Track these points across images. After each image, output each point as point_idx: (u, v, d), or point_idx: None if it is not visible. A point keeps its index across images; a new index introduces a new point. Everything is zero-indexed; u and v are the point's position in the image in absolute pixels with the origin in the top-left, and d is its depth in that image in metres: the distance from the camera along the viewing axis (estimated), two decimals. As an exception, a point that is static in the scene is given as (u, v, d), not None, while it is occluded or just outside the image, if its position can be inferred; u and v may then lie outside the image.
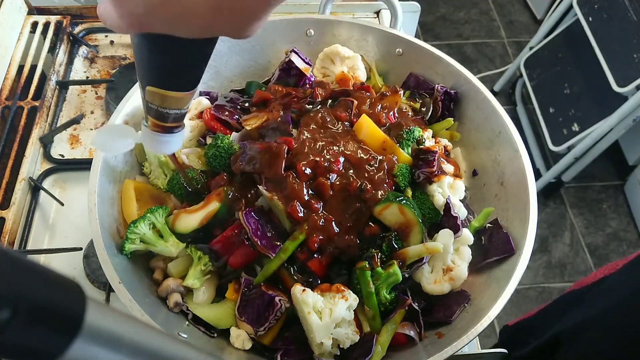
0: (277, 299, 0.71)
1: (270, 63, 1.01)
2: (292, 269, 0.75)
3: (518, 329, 1.18)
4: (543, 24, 2.36)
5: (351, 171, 0.77)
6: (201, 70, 0.51)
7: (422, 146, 0.86)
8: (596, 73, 1.98)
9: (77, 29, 1.24)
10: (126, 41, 1.24)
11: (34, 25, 1.24)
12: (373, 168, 0.78)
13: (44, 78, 1.15)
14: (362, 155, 0.79)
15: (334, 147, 0.78)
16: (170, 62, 0.48)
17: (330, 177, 0.76)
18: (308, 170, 0.75)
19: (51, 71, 1.14)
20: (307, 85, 0.94)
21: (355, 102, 0.85)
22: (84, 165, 1.01)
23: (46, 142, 1.05)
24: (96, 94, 1.15)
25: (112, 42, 1.24)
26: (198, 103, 0.91)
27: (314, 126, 0.81)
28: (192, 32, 0.41)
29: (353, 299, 0.71)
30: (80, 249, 0.90)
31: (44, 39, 1.21)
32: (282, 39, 0.99)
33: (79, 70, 1.20)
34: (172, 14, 0.38)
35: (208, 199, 0.77)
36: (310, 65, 0.96)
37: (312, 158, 0.76)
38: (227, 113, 0.88)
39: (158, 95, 0.51)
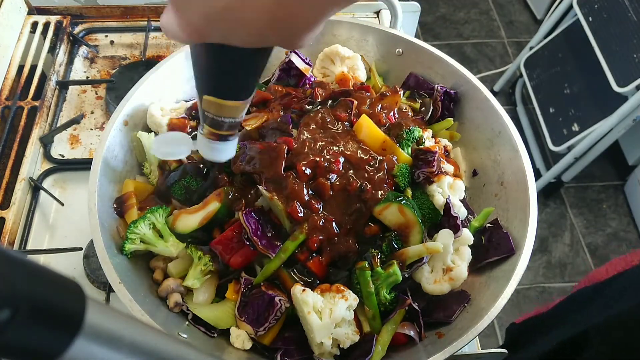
0: (277, 299, 0.71)
1: (270, 63, 1.00)
2: (292, 269, 0.75)
3: (526, 327, 1.17)
4: (543, 24, 2.36)
5: (351, 171, 0.77)
6: (256, 80, 0.53)
7: (422, 146, 0.86)
8: (596, 73, 1.98)
9: (77, 29, 1.24)
10: (126, 41, 1.25)
11: (34, 25, 1.24)
12: (373, 168, 0.78)
13: (44, 78, 1.15)
14: (362, 155, 0.79)
15: (334, 147, 0.78)
16: (227, 71, 0.50)
17: (330, 177, 0.76)
18: (308, 171, 0.75)
19: (51, 71, 1.14)
20: (307, 86, 0.94)
21: (355, 102, 0.85)
22: (84, 165, 1.01)
23: (46, 142, 1.05)
24: (96, 94, 1.15)
25: (112, 42, 1.24)
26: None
27: (314, 126, 0.81)
28: (248, 42, 0.42)
29: (353, 299, 0.71)
30: (80, 249, 0.90)
31: (44, 39, 1.21)
32: (282, 39, 0.99)
33: (79, 70, 1.20)
34: (229, 24, 0.40)
35: (208, 199, 0.77)
36: (310, 65, 0.96)
37: (312, 158, 0.76)
38: (227, 113, 0.88)
39: (214, 104, 0.53)
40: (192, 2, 0.40)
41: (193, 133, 0.82)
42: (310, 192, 0.75)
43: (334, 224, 0.74)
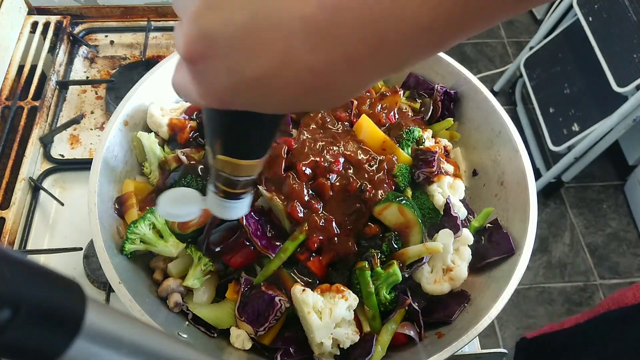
0: (277, 299, 0.71)
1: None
2: (292, 269, 0.75)
3: (540, 345, 1.13)
4: (543, 24, 2.36)
5: (351, 171, 0.77)
6: (274, 138, 0.49)
7: (422, 146, 0.86)
8: (596, 73, 1.98)
9: (77, 29, 1.24)
10: (126, 41, 1.25)
11: (34, 25, 1.24)
12: (373, 168, 0.78)
13: (44, 78, 1.15)
14: (362, 155, 0.79)
15: (334, 148, 0.78)
16: (246, 134, 0.47)
17: (330, 177, 0.76)
18: (308, 171, 0.75)
19: (51, 71, 1.14)
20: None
21: (355, 102, 0.85)
22: (84, 165, 1.01)
23: (46, 142, 1.05)
24: (96, 94, 1.15)
25: (112, 42, 1.24)
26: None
27: (314, 126, 0.81)
28: (278, 110, 0.39)
29: (353, 299, 0.71)
30: (80, 249, 0.90)
31: (44, 39, 1.21)
32: (282, 39, 0.99)
33: (79, 70, 1.20)
34: (259, 94, 0.36)
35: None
36: (310, 65, 0.96)
37: (312, 158, 0.76)
38: (227, 113, 0.88)
39: (230, 164, 0.49)
40: (216, 73, 0.35)
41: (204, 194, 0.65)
42: (310, 192, 0.75)
43: (334, 224, 0.74)
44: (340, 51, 0.31)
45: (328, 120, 0.82)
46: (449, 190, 0.82)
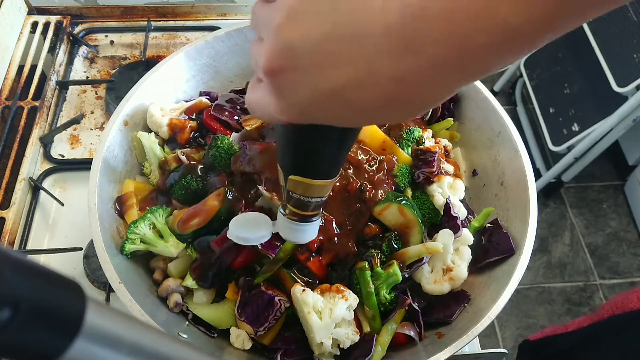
0: (277, 299, 0.71)
1: (270, 63, 1.01)
2: (292, 269, 0.75)
3: (543, 347, 1.12)
4: (543, 24, 2.36)
5: (351, 171, 0.77)
6: (345, 156, 0.50)
7: (422, 146, 0.86)
8: (596, 73, 1.98)
9: (77, 29, 1.24)
10: (126, 41, 1.25)
11: (34, 25, 1.24)
12: (373, 168, 0.78)
13: (44, 78, 1.15)
14: (361, 155, 0.79)
15: (334, 147, 0.78)
16: (322, 151, 0.47)
17: (330, 177, 0.76)
18: (308, 170, 0.75)
19: (51, 71, 1.14)
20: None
21: (355, 102, 0.85)
22: (84, 165, 1.01)
23: (46, 142, 1.05)
24: (96, 94, 1.15)
25: (112, 42, 1.24)
26: (199, 101, 0.91)
27: (314, 126, 0.81)
28: (357, 122, 0.39)
29: (353, 299, 0.71)
30: (80, 249, 0.90)
31: (44, 39, 1.21)
32: (282, 39, 0.99)
33: (79, 70, 1.20)
34: (340, 106, 0.35)
35: (208, 199, 0.77)
36: (310, 65, 0.96)
37: (312, 158, 0.76)
38: (226, 113, 0.88)
39: (302, 184, 0.49)
40: (297, 86, 0.35)
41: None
42: (310, 192, 0.75)
43: (334, 224, 0.74)
44: (425, 58, 0.31)
45: (328, 120, 0.82)
46: (449, 190, 0.82)
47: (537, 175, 2.33)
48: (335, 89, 0.34)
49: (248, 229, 0.62)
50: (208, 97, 0.94)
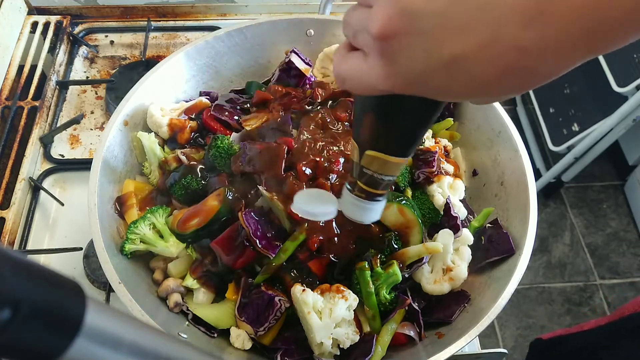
0: (277, 299, 0.71)
1: (270, 63, 1.01)
2: (292, 269, 0.75)
3: (557, 345, 1.11)
4: (543, 24, 2.36)
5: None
6: (424, 135, 0.48)
7: (422, 146, 0.86)
8: (596, 73, 1.98)
9: (77, 29, 1.24)
10: (126, 41, 1.25)
11: (34, 25, 1.24)
12: (373, 168, 0.78)
13: (44, 78, 1.15)
14: (362, 155, 0.79)
15: (334, 148, 0.78)
16: (407, 126, 0.45)
17: (331, 177, 0.76)
18: (308, 171, 0.75)
19: (51, 71, 1.14)
20: (307, 86, 0.94)
21: (355, 102, 0.85)
22: (84, 165, 1.01)
23: (46, 142, 1.05)
24: (96, 94, 1.15)
25: (112, 42, 1.24)
26: (199, 102, 0.91)
27: (314, 126, 0.81)
28: (465, 95, 0.38)
29: (353, 299, 0.71)
30: (80, 249, 0.90)
31: (44, 39, 1.22)
32: (282, 39, 0.99)
33: (79, 70, 1.20)
34: (452, 76, 0.35)
35: (208, 200, 0.77)
36: (310, 65, 0.96)
37: (312, 158, 0.76)
38: (226, 113, 0.88)
39: (379, 160, 0.48)
40: (411, 51, 0.34)
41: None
42: (310, 192, 0.75)
43: (334, 224, 0.74)
44: (552, 30, 0.31)
45: (328, 120, 0.82)
46: (449, 190, 0.82)
47: (537, 175, 2.33)
48: (452, 57, 0.33)
49: (315, 204, 0.60)
50: (208, 97, 0.94)
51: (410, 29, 0.34)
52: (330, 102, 0.87)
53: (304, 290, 0.70)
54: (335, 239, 0.74)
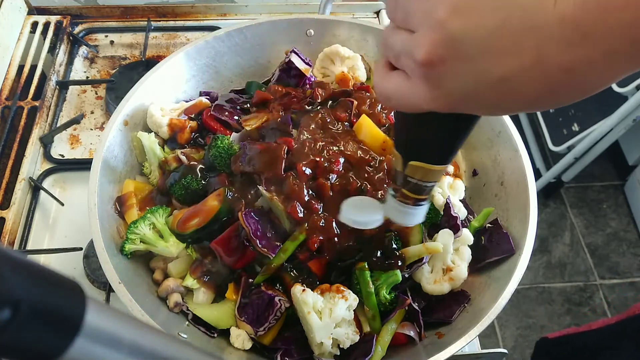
0: (277, 299, 0.71)
1: (270, 63, 1.01)
2: (292, 269, 0.75)
3: (563, 344, 1.11)
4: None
5: (351, 172, 0.77)
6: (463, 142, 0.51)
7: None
8: (596, 73, 1.97)
9: (77, 29, 1.24)
10: (126, 41, 1.25)
11: (34, 25, 1.24)
12: (373, 168, 0.78)
13: (44, 78, 1.15)
14: (362, 155, 0.79)
15: (334, 148, 0.78)
16: (449, 137, 0.48)
17: (331, 177, 0.76)
18: (308, 171, 0.75)
19: (51, 71, 1.14)
20: (307, 86, 0.94)
21: (355, 103, 0.85)
22: (84, 165, 1.01)
23: (46, 142, 1.05)
24: (96, 94, 1.15)
25: (112, 42, 1.24)
26: (199, 102, 0.91)
27: (314, 126, 0.81)
28: (511, 111, 0.39)
29: (353, 299, 0.71)
30: (80, 249, 0.90)
31: (44, 39, 1.21)
32: (282, 39, 0.99)
33: (79, 70, 1.20)
34: (500, 96, 0.36)
35: (208, 200, 0.77)
36: (310, 65, 0.96)
37: (312, 158, 0.76)
38: (226, 113, 0.88)
39: (422, 169, 0.50)
40: (458, 76, 0.36)
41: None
42: (310, 192, 0.75)
43: (334, 224, 0.74)
44: (600, 49, 0.32)
45: (328, 120, 0.82)
46: (449, 190, 0.82)
47: (537, 175, 2.33)
48: (499, 79, 0.35)
49: (361, 213, 0.63)
50: (208, 97, 0.94)
51: (456, 55, 0.35)
52: (330, 102, 0.87)
53: (304, 290, 0.70)
54: (335, 239, 0.74)
